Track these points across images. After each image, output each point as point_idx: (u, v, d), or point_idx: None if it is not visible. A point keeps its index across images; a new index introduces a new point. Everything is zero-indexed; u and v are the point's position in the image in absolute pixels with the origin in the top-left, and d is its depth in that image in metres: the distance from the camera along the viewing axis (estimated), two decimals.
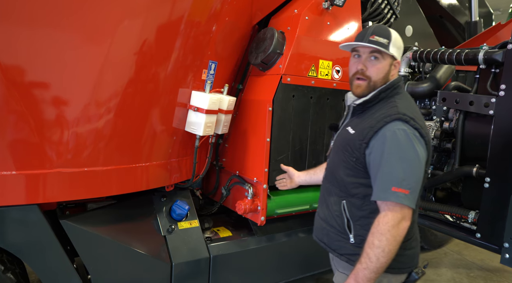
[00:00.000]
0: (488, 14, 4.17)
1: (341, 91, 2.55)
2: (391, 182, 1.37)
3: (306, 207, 2.56)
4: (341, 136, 1.62)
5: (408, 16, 3.31)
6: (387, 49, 1.49)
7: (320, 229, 1.69)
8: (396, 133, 1.40)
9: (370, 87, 1.53)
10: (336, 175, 1.59)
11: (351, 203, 1.54)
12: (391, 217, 1.36)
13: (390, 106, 1.49)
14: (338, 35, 2.53)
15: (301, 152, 2.44)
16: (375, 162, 1.43)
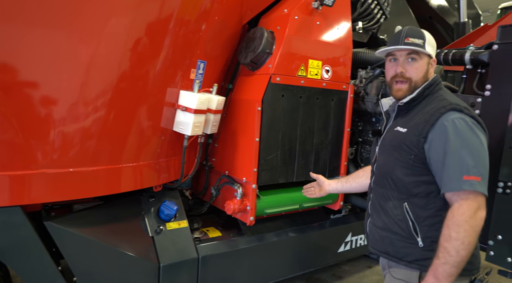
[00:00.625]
0: (476, 15, 4.21)
1: (330, 91, 2.56)
2: (461, 170, 1.33)
3: (296, 206, 2.56)
4: (390, 138, 1.59)
5: (397, 17, 3.33)
6: (423, 48, 1.52)
7: (380, 240, 1.59)
8: (455, 122, 1.39)
9: (412, 88, 1.55)
10: (393, 177, 1.54)
11: (414, 203, 1.48)
12: (466, 207, 1.31)
13: (439, 100, 1.50)
14: (328, 35, 2.53)
15: (291, 151, 2.44)
16: (437, 154, 1.40)
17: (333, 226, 2.88)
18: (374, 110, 2.73)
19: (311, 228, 2.77)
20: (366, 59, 2.87)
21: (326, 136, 2.59)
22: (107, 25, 1.70)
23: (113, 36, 1.74)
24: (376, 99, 2.69)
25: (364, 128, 2.97)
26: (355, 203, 2.88)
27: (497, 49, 2.00)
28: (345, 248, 2.96)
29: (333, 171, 2.68)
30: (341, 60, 2.60)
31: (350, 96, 2.66)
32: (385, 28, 3.20)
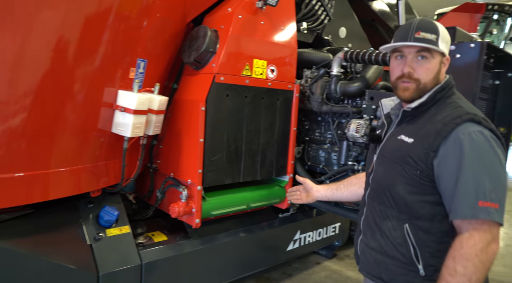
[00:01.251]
0: None
1: (276, 90, 2.57)
2: (477, 194, 1.14)
3: (243, 207, 2.55)
4: (392, 148, 1.37)
5: (341, 18, 3.43)
6: (436, 46, 1.29)
7: (374, 263, 1.39)
8: (472, 137, 1.19)
9: (420, 90, 1.33)
10: (393, 194, 1.32)
11: (417, 226, 1.27)
12: (478, 239, 1.13)
13: (453, 107, 1.29)
14: (272, 35, 2.54)
15: (237, 151, 2.42)
16: (449, 172, 1.20)
17: (281, 225, 2.91)
18: (320, 110, 2.78)
19: (259, 227, 2.77)
20: (311, 59, 2.93)
21: (273, 136, 2.61)
22: (36, 17, 1.57)
23: (42, 29, 1.62)
24: (321, 99, 2.75)
25: (310, 127, 3.02)
26: None
27: None
28: (294, 246, 3.00)
29: (280, 170, 2.70)
30: (286, 60, 2.62)
31: (295, 95, 2.69)
32: (330, 30, 3.28)
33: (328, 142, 2.89)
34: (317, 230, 3.20)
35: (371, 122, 2.50)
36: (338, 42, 3.36)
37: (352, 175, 2.57)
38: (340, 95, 2.68)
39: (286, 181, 2.77)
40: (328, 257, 3.57)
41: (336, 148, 2.82)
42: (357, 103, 2.70)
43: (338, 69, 2.68)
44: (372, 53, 2.43)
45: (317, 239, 3.20)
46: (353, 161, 2.63)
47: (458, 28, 2.02)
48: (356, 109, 2.64)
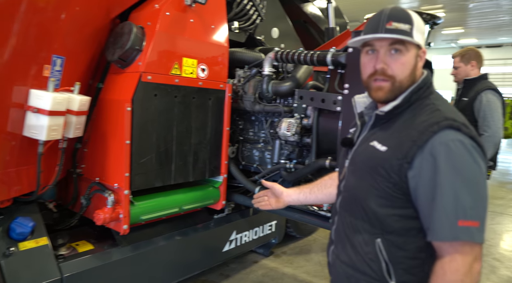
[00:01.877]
0: (344, 24, 4.66)
1: (207, 90, 2.53)
2: (457, 213, 1.03)
3: (175, 210, 2.47)
4: (364, 155, 1.24)
5: (274, 19, 3.48)
6: (411, 37, 1.14)
7: (345, 277, 1.27)
8: (450, 147, 1.06)
9: (396, 89, 1.18)
10: (364, 206, 1.20)
11: (390, 241, 1.16)
12: (461, 263, 1.03)
13: (429, 110, 1.15)
14: (203, 33, 2.49)
15: (167, 153, 2.34)
16: (426, 187, 1.08)
17: (217, 226, 2.87)
18: (253, 109, 2.79)
19: (194, 230, 2.72)
20: (244, 59, 2.93)
21: (205, 136, 2.56)
22: None
23: None
24: (253, 98, 2.76)
25: (244, 127, 3.03)
26: (237, 201, 2.92)
27: (352, 52, 2.20)
28: (230, 246, 2.98)
29: (214, 170, 2.67)
30: (217, 59, 2.59)
31: (228, 95, 2.68)
32: (262, 30, 3.31)
33: (261, 141, 2.91)
34: (254, 229, 3.21)
35: (302, 121, 2.56)
36: (271, 43, 3.40)
37: (285, 173, 2.63)
38: (272, 95, 2.71)
39: (220, 181, 2.74)
40: (265, 255, 3.61)
41: (269, 147, 2.85)
42: (288, 103, 2.75)
43: (269, 69, 2.70)
44: (301, 53, 2.49)
45: (254, 238, 3.21)
46: (285, 159, 2.67)
47: None
48: (288, 108, 2.69)
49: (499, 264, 3.85)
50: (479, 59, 3.35)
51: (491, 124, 3.02)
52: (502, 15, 19.88)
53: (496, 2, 17.77)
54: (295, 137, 2.54)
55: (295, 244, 3.91)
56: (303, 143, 2.61)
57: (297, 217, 2.59)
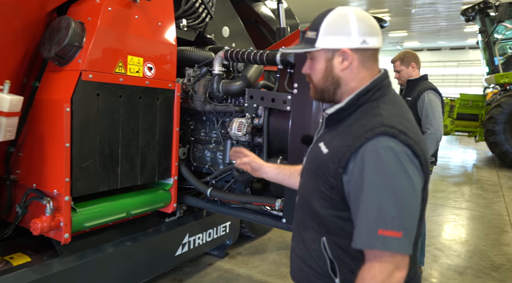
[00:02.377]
0: (296, 24, 4.73)
1: (155, 89, 2.44)
2: (377, 222, 1.01)
3: (123, 215, 2.36)
4: (312, 155, 1.26)
5: (225, 18, 3.44)
6: (312, 44, 1.17)
7: (298, 270, 1.31)
8: (380, 154, 1.04)
9: (318, 91, 1.24)
10: (310, 206, 1.22)
11: (333, 241, 1.18)
12: (378, 270, 1.02)
13: (371, 115, 1.13)
14: (149, 30, 2.40)
15: (112, 155, 2.22)
16: (354, 194, 1.08)
17: (168, 230, 2.78)
18: (203, 109, 2.74)
19: (144, 235, 2.61)
20: (193, 58, 2.86)
21: (153, 137, 2.47)
22: None
23: None
24: (204, 98, 2.71)
25: (195, 127, 2.96)
26: (189, 203, 2.85)
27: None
28: (183, 250, 2.90)
29: (164, 172, 2.58)
30: (165, 58, 2.50)
31: (177, 95, 2.60)
32: (212, 29, 3.26)
33: (213, 142, 2.86)
34: (207, 231, 3.16)
35: (253, 121, 2.55)
36: (221, 42, 3.36)
37: (236, 173, 2.60)
38: (222, 94, 2.68)
39: (170, 183, 2.66)
40: (220, 257, 3.56)
41: (221, 147, 2.82)
42: (239, 102, 2.73)
43: (219, 68, 2.66)
44: (251, 53, 2.48)
45: (208, 240, 3.16)
46: None
47: None
48: (239, 108, 2.67)
49: (440, 253, 4.10)
50: (417, 60, 3.54)
51: (433, 122, 3.19)
52: (440, 21, 21.35)
53: (435, 9, 19.03)
54: (246, 137, 2.52)
55: (250, 244, 3.90)
56: (254, 142, 2.60)
57: (250, 217, 2.58)
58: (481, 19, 10.11)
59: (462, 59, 30.10)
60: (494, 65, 10.04)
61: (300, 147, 2.21)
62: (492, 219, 5.37)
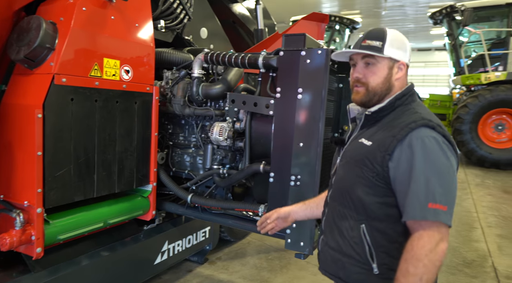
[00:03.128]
0: (272, 25, 4.71)
1: (132, 93, 2.34)
2: (427, 197, 1.19)
3: (100, 225, 2.25)
4: (353, 150, 1.44)
5: (202, 19, 3.37)
6: (380, 52, 1.36)
7: (332, 261, 1.43)
8: (425, 142, 1.25)
9: (370, 93, 1.40)
10: (351, 195, 1.38)
11: (373, 226, 1.33)
12: (427, 239, 1.18)
13: (410, 113, 1.35)
14: (125, 32, 2.30)
15: (88, 163, 2.11)
16: (403, 176, 1.25)
17: (147, 238, 2.69)
18: (182, 113, 2.66)
19: (121, 244, 2.51)
20: (171, 60, 2.78)
21: (131, 143, 2.37)
22: None
23: None
24: (183, 101, 2.63)
25: (174, 131, 2.88)
26: (169, 210, 2.76)
27: (283, 55, 2.19)
28: (163, 258, 2.82)
29: (142, 179, 2.48)
30: (143, 60, 2.41)
31: (155, 98, 2.51)
32: (190, 30, 3.18)
33: (192, 146, 2.79)
34: (187, 237, 3.08)
35: (234, 125, 2.50)
36: (199, 43, 3.28)
37: (218, 179, 2.55)
38: (202, 98, 2.61)
39: (149, 190, 2.57)
40: (200, 263, 3.49)
41: (201, 151, 2.75)
42: (219, 106, 2.67)
43: (199, 71, 2.60)
44: (232, 56, 2.42)
45: (187, 247, 3.08)
46: (218, 164, 2.59)
47: (307, 35, 2.16)
48: (219, 111, 2.61)
49: None
50: None
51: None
52: (408, 23, 22.01)
53: (403, 11, 19.59)
54: (227, 141, 2.47)
55: (230, 248, 3.84)
56: (236, 147, 2.55)
57: (233, 224, 2.53)
58: (448, 23, 10.48)
59: (429, 60, 31.17)
60: (460, 67, 10.43)
61: (284, 151, 2.19)
62: (462, 216, 5.57)
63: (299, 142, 2.14)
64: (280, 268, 3.52)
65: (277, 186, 2.22)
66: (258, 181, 2.46)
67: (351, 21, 12.65)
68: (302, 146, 2.13)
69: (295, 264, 3.60)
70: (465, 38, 10.39)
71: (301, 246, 2.15)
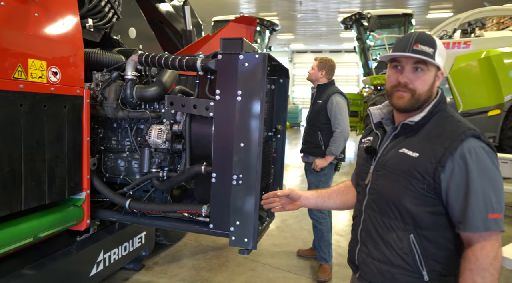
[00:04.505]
0: (198, 24, 4.71)
1: (61, 96, 2.19)
2: (487, 208, 1.24)
3: (29, 240, 2.07)
4: (395, 161, 1.41)
5: (130, 18, 3.26)
6: (433, 59, 1.36)
7: (379, 273, 1.43)
8: (477, 153, 1.28)
9: (414, 100, 1.39)
10: (398, 206, 1.38)
11: (422, 236, 1.35)
12: (490, 249, 1.23)
13: (453, 121, 1.37)
14: (51, 30, 2.14)
15: (14, 174, 1.93)
16: (458, 187, 1.28)
17: (81, 249, 2.53)
18: (115, 116, 2.56)
19: (52, 259, 2.33)
20: (102, 61, 2.65)
21: (62, 149, 2.22)
22: None
23: None
24: (116, 104, 2.53)
25: (106, 135, 2.75)
26: (104, 218, 2.64)
27: (222, 59, 2.25)
28: (99, 268, 2.68)
29: (75, 187, 2.34)
30: (71, 61, 2.27)
31: (86, 101, 2.38)
32: (119, 29, 3.06)
33: (127, 150, 2.70)
34: (123, 244, 2.96)
35: (172, 127, 2.49)
36: (128, 43, 3.17)
37: (157, 182, 2.51)
38: (137, 100, 2.54)
39: (82, 198, 2.42)
40: (136, 270, 3.38)
41: (136, 155, 2.67)
42: (155, 108, 2.63)
43: (133, 73, 2.52)
44: (168, 58, 2.40)
45: (124, 254, 2.97)
46: (156, 167, 2.55)
47: (244, 39, 2.24)
48: (155, 114, 2.57)
49: (341, 238, 4.58)
50: (330, 71, 3.88)
51: (341, 122, 3.58)
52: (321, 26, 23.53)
53: (316, 15, 20.90)
54: (166, 144, 2.45)
55: (166, 252, 3.78)
56: (174, 149, 2.54)
57: (175, 226, 2.52)
58: (357, 28, 11.51)
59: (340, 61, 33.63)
60: (368, 68, 11.53)
61: (225, 151, 2.25)
62: None
63: (240, 142, 2.22)
64: (219, 267, 3.57)
65: (219, 185, 2.27)
66: (199, 182, 2.49)
67: (271, 23, 13.12)
68: (242, 146, 2.21)
69: (233, 261, 3.69)
70: (372, 42, 11.49)
71: (245, 242, 2.23)
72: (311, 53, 33.97)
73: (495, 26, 10.59)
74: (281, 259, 3.88)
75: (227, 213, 2.25)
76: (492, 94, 7.18)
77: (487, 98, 7.22)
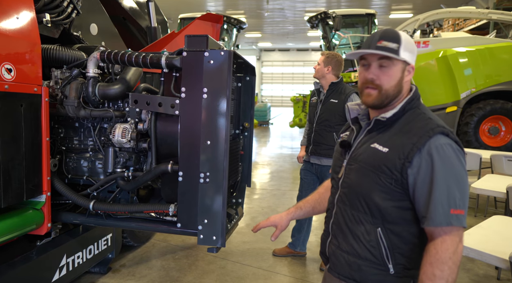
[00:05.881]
0: (163, 21, 4.63)
1: (16, 94, 2.09)
2: (449, 203, 1.27)
3: None
4: (367, 155, 1.44)
5: (92, 14, 3.16)
6: (397, 54, 1.37)
7: (347, 265, 1.47)
8: (444, 149, 1.31)
9: (382, 96, 1.41)
10: (367, 200, 1.41)
11: (389, 230, 1.39)
12: (450, 243, 1.27)
13: (423, 118, 1.40)
14: (4, 25, 2.03)
15: None
16: (423, 182, 1.31)
17: (41, 254, 2.43)
18: (77, 115, 2.47)
19: (9, 266, 2.22)
20: (61, 57, 2.55)
21: (18, 151, 2.12)
22: None
23: None
24: (77, 103, 2.44)
25: (67, 135, 2.65)
26: (67, 220, 2.54)
27: (187, 56, 2.22)
28: (61, 273, 2.58)
29: (34, 189, 2.24)
30: (27, 57, 2.17)
31: (45, 100, 2.28)
32: (80, 25, 2.96)
33: (90, 150, 2.61)
34: (87, 247, 2.87)
35: (137, 126, 2.44)
36: (89, 40, 3.07)
37: (122, 182, 2.45)
38: (99, 99, 2.47)
39: (42, 201, 2.32)
40: (102, 273, 3.29)
41: (100, 155, 2.60)
42: (119, 107, 2.56)
43: (94, 70, 2.44)
44: (132, 55, 2.35)
45: (88, 258, 2.88)
46: (121, 167, 2.49)
47: (209, 37, 2.23)
48: (119, 113, 2.50)
49: None
50: (337, 66, 3.78)
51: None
52: (288, 24, 23.78)
53: (283, 14, 21.09)
54: (131, 143, 2.40)
55: (134, 253, 3.70)
56: (139, 148, 2.49)
57: (142, 227, 2.47)
58: (323, 27, 11.71)
59: (307, 59, 34.16)
60: None
61: (192, 149, 2.23)
62: None
63: (206, 139, 2.20)
64: (188, 266, 3.54)
65: (187, 184, 2.25)
66: (165, 181, 2.45)
67: (238, 21, 13.09)
68: (209, 143, 2.20)
69: (203, 260, 3.67)
70: (337, 41, 11.73)
71: (213, 240, 2.23)
72: (278, 52, 34.28)
73: (451, 27, 11.14)
74: (251, 257, 3.89)
75: (195, 212, 2.24)
76: (449, 91, 7.55)
77: (445, 95, 7.59)
